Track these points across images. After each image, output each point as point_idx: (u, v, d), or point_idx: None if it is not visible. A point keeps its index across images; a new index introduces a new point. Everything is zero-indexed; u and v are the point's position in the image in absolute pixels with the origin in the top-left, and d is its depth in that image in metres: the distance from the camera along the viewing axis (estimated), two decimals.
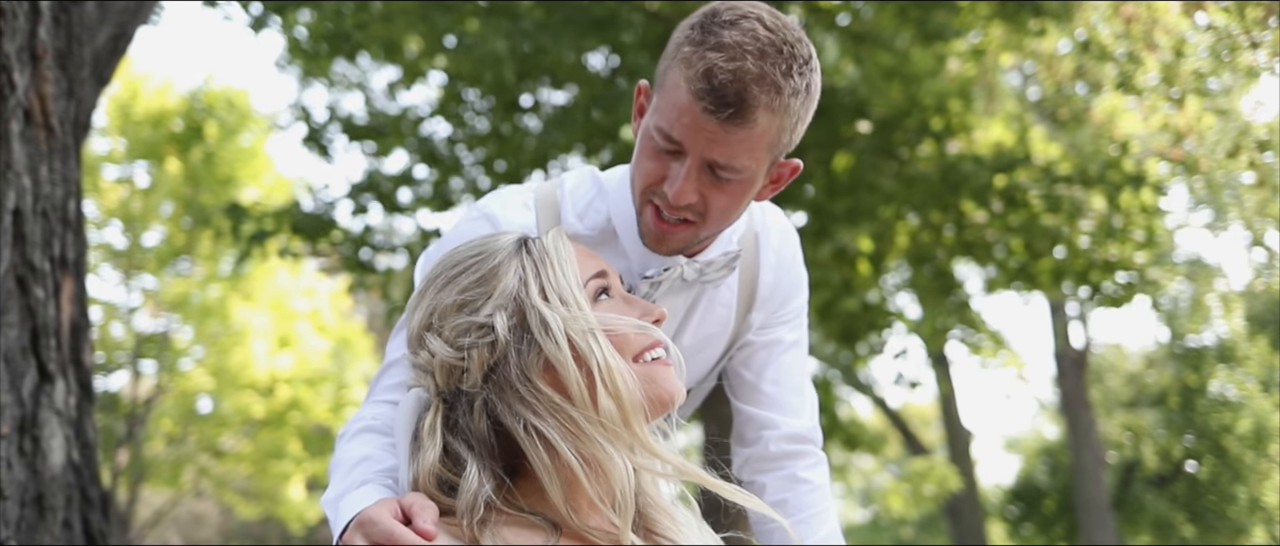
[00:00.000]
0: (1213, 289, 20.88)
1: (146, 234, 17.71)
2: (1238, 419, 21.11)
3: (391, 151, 8.18)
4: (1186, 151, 7.83)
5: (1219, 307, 21.08)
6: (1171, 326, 21.58)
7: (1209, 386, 21.73)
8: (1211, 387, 21.78)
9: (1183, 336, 21.68)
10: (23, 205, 3.11)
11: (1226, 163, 7.97)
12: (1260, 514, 20.84)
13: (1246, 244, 20.77)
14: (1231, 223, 17.97)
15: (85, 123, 3.65)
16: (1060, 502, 24.85)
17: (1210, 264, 20.79)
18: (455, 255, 1.46)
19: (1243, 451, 20.94)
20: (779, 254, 1.86)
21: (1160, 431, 22.50)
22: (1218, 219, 18.32)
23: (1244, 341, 21.04)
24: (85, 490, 3.24)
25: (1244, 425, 20.94)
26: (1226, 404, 21.51)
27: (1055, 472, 25.51)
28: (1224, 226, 18.58)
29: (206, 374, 17.82)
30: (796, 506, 1.84)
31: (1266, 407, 20.71)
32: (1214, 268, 21.12)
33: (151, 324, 18.64)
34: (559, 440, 1.31)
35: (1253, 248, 20.18)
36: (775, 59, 1.47)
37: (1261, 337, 20.71)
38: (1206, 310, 21.20)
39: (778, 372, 1.88)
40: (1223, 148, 7.90)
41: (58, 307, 3.23)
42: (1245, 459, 20.93)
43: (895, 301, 9.67)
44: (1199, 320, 21.28)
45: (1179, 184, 9.77)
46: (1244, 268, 28.70)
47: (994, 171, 7.13)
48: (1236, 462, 21.15)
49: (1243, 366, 21.18)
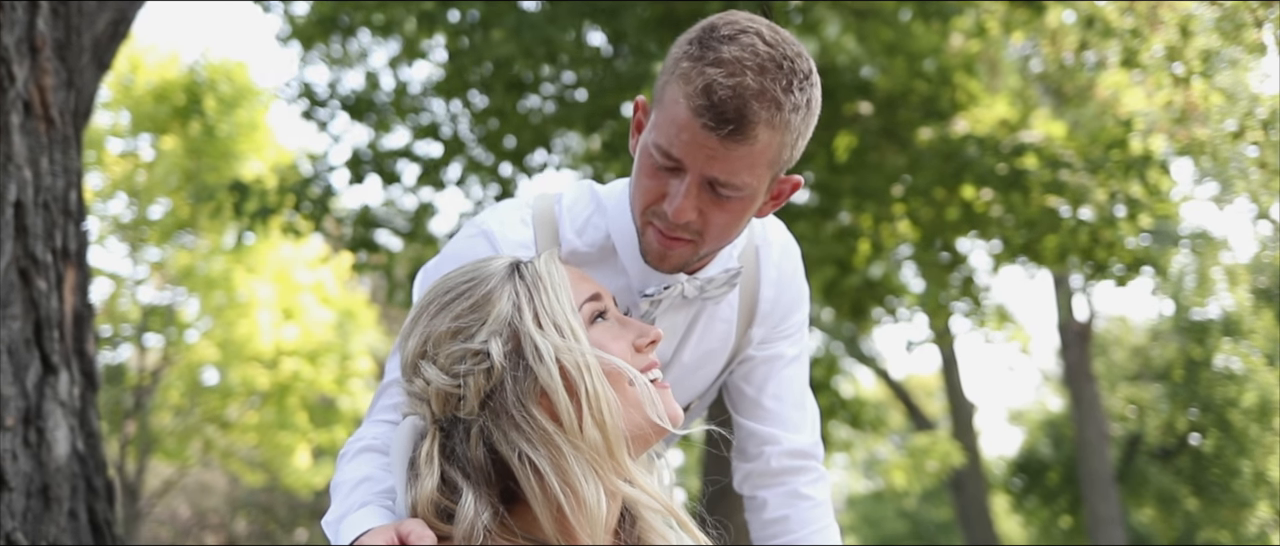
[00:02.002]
0: (1218, 262, 20.82)
1: (151, 207, 17.72)
2: (1242, 392, 21.11)
3: (392, 128, 8.17)
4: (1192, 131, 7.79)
5: (1224, 280, 21.02)
6: (1176, 299, 21.55)
7: (1214, 359, 21.71)
8: (1216, 361, 21.76)
9: (1187, 309, 21.65)
10: (24, 197, 3.12)
11: (1231, 142, 7.94)
12: (1265, 487, 20.87)
13: (1252, 216, 20.67)
14: (1237, 195, 17.92)
15: (86, 110, 3.65)
16: (1063, 475, 24.91)
17: (1215, 237, 20.69)
18: (448, 281, 1.46)
19: (1247, 425, 20.95)
20: (780, 269, 1.84)
21: (1164, 404, 22.51)
22: (1223, 192, 18.26)
23: (1249, 314, 21.00)
24: (90, 480, 3.26)
25: (1249, 398, 20.94)
26: (1231, 377, 21.50)
27: (1059, 445, 25.57)
28: (1229, 199, 18.51)
29: (212, 346, 17.87)
30: (799, 522, 1.84)
31: (1271, 381, 20.70)
32: (1219, 240, 21.03)
33: (157, 296, 18.69)
34: (548, 470, 1.32)
35: (1258, 220, 20.11)
36: (775, 74, 1.45)
37: (1267, 310, 20.66)
38: (1211, 283, 21.15)
39: (779, 388, 1.88)
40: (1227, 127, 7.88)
41: (60, 299, 3.24)
42: (1249, 432, 20.94)
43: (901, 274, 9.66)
44: (1204, 293, 21.24)
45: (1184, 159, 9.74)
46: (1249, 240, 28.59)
47: (997, 156, 7.10)
48: (1241, 436, 21.17)
49: (1248, 339, 21.16)
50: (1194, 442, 22.71)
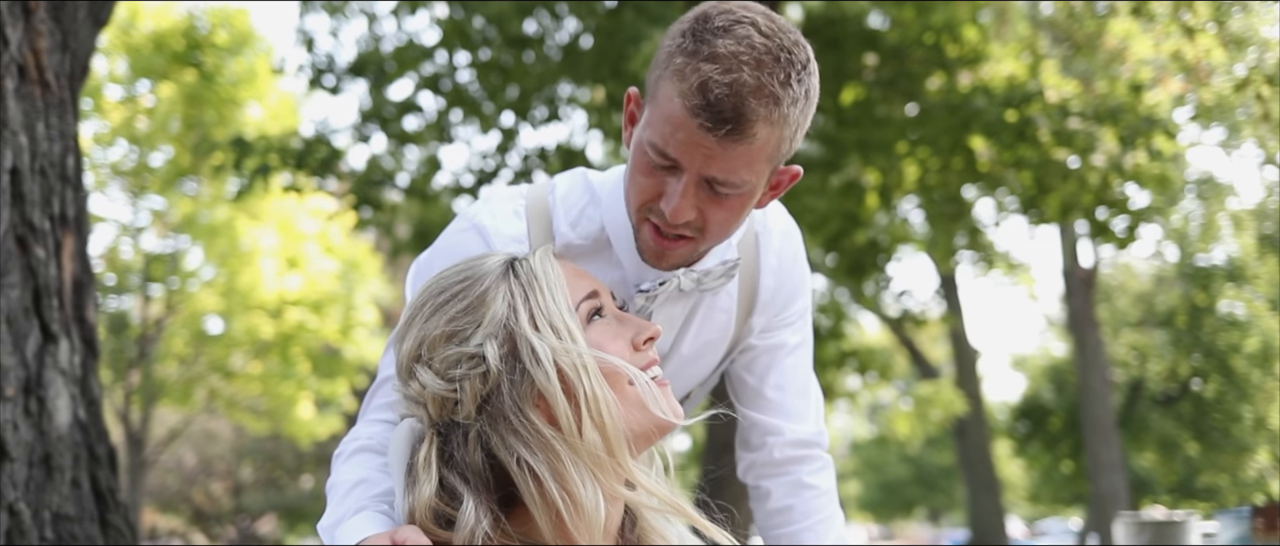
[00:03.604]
0: (1224, 208, 20.75)
1: (153, 154, 17.65)
2: (1245, 338, 21.15)
3: (394, 81, 8.09)
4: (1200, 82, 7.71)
5: (1230, 226, 20.97)
6: (1181, 246, 21.51)
7: (1218, 305, 21.73)
8: (1220, 307, 21.78)
9: (1192, 255, 21.61)
10: (20, 164, 3.07)
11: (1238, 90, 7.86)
12: (1265, 433, 20.97)
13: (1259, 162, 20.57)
14: (1244, 141, 17.80)
15: (82, 71, 3.58)
16: (1066, 420, 25.03)
17: (1222, 182, 20.58)
18: (442, 281, 1.42)
19: (1249, 370, 21.01)
20: (780, 256, 1.80)
21: (1167, 350, 22.56)
22: (1230, 137, 18.13)
23: (1254, 260, 20.97)
24: (92, 448, 3.24)
25: (1252, 344, 20.99)
26: (1234, 323, 21.53)
27: (1061, 391, 25.66)
28: (1236, 145, 18.40)
29: (215, 295, 17.89)
30: (802, 513, 1.82)
31: (1274, 326, 20.73)
32: (1225, 186, 20.93)
33: (159, 244, 18.68)
34: (547, 474, 1.29)
35: (1265, 166, 20.00)
36: (773, 68, 1.39)
37: (1272, 256, 20.64)
38: (1217, 229, 21.10)
39: (781, 377, 1.84)
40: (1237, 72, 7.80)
41: (59, 266, 3.20)
42: (1252, 378, 21.01)
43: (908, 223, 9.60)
44: (1209, 239, 21.19)
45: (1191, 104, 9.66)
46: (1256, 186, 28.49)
47: (1005, 106, 7.02)
48: (1243, 382, 21.24)
49: (1252, 285, 21.15)
50: (1196, 388, 22.80)
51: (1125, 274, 24.69)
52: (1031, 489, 30.91)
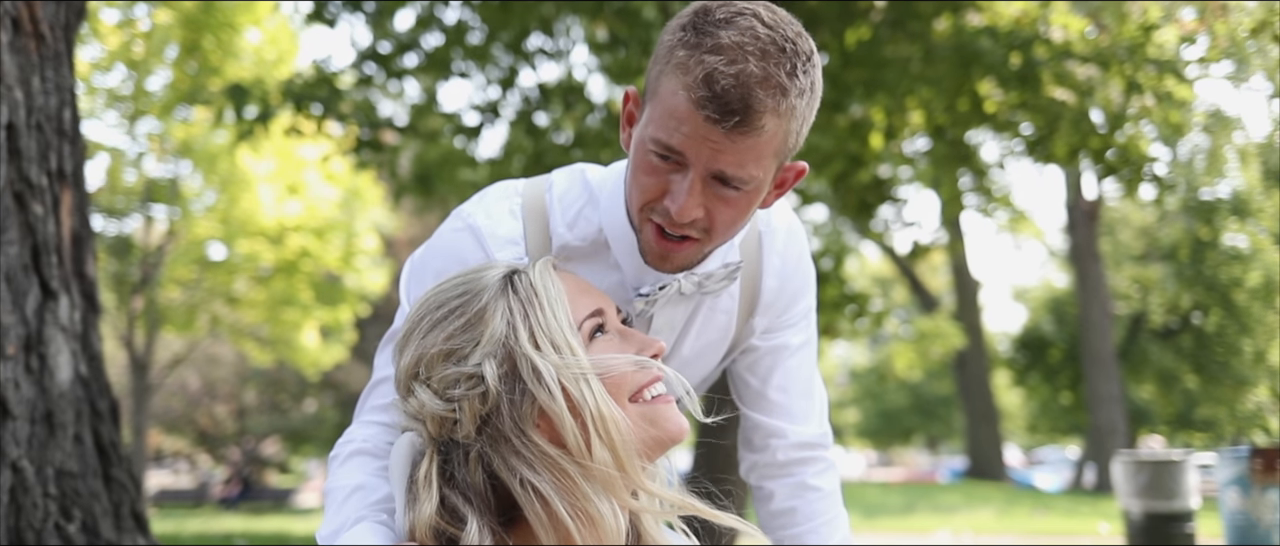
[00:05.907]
0: (1230, 141, 20.61)
1: (149, 78, 17.51)
2: (1248, 271, 21.17)
3: (393, 15, 7.97)
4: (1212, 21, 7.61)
5: (1236, 160, 20.86)
6: (1186, 179, 21.41)
7: (1221, 239, 21.71)
8: (1223, 241, 21.76)
9: (1197, 189, 21.53)
10: (16, 119, 3.03)
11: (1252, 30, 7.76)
12: (1264, 367, 21.07)
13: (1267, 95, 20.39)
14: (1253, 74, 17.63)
15: (77, 17, 3.52)
16: (1066, 352, 25.16)
17: (1229, 115, 20.41)
18: (440, 294, 1.39)
19: (1250, 304, 21.06)
20: (784, 256, 1.76)
21: (1169, 284, 22.59)
22: (1239, 70, 17.96)
23: (1259, 194, 20.91)
24: (94, 403, 3.24)
25: (1254, 278, 21.01)
26: (1237, 256, 21.53)
27: (1062, 323, 25.76)
28: (1245, 78, 18.24)
29: (215, 221, 17.86)
30: (806, 514, 1.81)
31: (1277, 260, 20.74)
32: (1233, 119, 20.75)
33: (160, 168, 18.61)
34: (553, 495, 1.28)
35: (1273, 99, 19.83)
36: (779, 58, 1.35)
37: (1277, 190, 20.58)
38: (1223, 162, 20.99)
39: (784, 379, 1.82)
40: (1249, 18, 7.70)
41: (57, 221, 3.17)
42: (1253, 311, 21.06)
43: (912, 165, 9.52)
44: (1215, 172, 21.10)
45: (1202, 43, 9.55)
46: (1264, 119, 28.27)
47: (1010, 48, 6.91)
48: (1243, 315, 21.30)
49: (1256, 218, 21.10)
50: (1196, 321, 22.87)
51: (1128, 207, 24.65)
52: (1030, 419, 31.19)
